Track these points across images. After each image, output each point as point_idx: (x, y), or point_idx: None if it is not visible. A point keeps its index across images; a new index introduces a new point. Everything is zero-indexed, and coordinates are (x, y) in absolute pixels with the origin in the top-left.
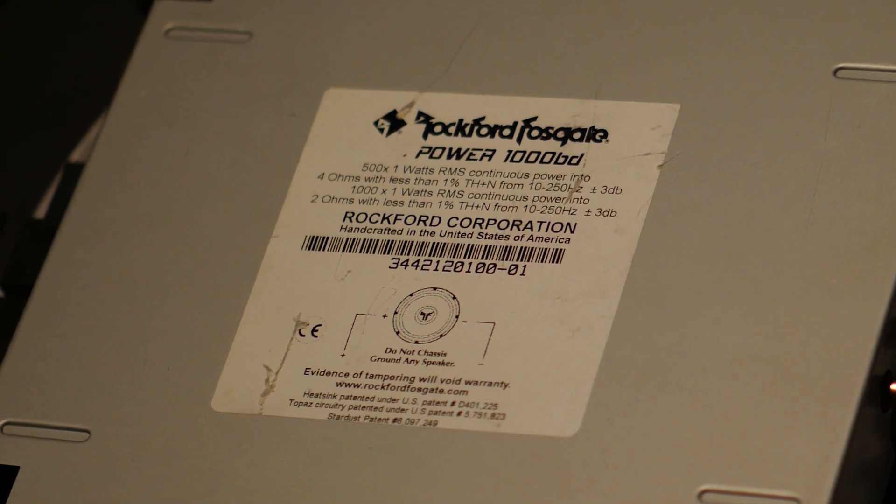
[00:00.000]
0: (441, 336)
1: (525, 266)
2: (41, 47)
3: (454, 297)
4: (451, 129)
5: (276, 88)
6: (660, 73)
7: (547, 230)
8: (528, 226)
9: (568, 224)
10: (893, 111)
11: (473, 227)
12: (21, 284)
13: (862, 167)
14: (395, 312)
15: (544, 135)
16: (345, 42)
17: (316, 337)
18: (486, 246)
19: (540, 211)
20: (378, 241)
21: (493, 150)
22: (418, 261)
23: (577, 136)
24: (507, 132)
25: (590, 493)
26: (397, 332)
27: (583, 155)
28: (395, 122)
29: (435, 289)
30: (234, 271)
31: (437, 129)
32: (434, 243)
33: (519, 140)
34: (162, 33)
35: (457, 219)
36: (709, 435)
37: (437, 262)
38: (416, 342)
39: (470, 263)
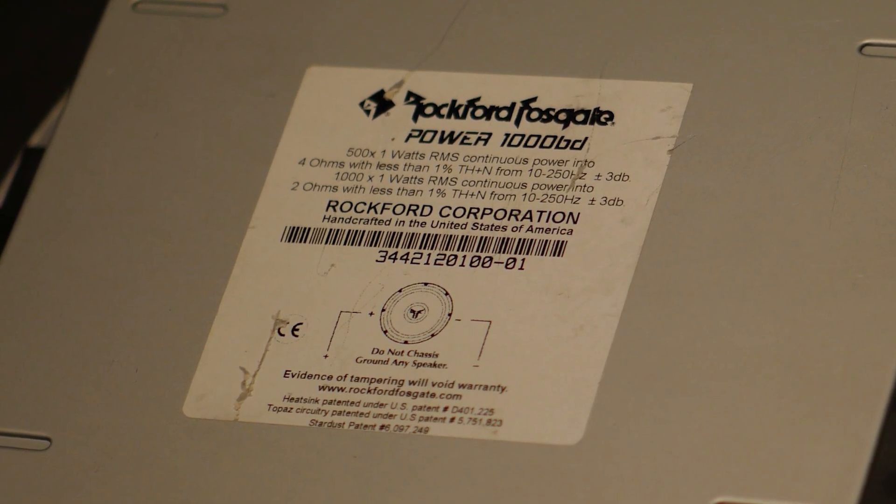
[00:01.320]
0: (432, 335)
1: (524, 259)
2: None
3: (447, 294)
4: (444, 111)
5: (253, 66)
6: (670, 50)
7: (547, 220)
8: (527, 216)
9: (570, 214)
10: None
11: (468, 217)
12: None
13: (890, 152)
14: (383, 310)
15: (545, 117)
16: (328, 16)
17: (296, 336)
18: (482, 238)
19: (540, 199)
20: (364, 232)
21: (490, 134)
22: (408, 254)
23: (580, 118)
24: (504, 114)
25: None
26: (385, 332)
27: (587, 139)
28: (382, 102)
29: (426, 284)
30: (208, 265)
31: (429, 110)
32: (425, 235)
33: (517, 122)
34: (129, 6)
35: (450, 208)
36: (723, 443)
37: (429, 255)
38: (406, 342)
39: (464, 257)
